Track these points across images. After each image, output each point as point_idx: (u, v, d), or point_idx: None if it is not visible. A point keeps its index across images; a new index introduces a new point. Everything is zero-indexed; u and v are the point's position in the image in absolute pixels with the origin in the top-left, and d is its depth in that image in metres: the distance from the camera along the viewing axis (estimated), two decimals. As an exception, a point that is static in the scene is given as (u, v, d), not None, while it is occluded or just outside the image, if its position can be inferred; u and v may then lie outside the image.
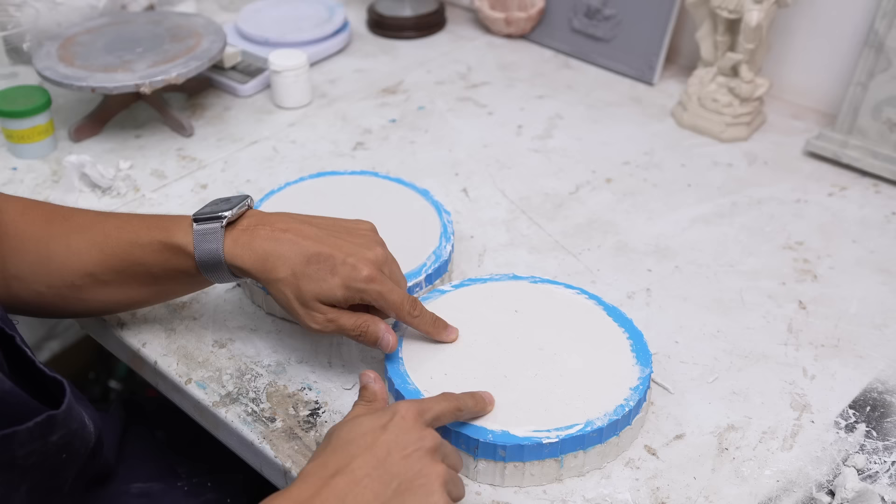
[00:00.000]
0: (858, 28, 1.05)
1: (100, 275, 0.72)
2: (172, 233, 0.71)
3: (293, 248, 0.69)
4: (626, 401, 0.68)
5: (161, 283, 0.74)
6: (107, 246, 0.72)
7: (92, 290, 0.73)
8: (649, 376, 0.71)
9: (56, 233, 0.73)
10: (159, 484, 0.82)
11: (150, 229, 0.72)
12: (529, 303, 0.78)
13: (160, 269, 0.72)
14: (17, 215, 0.73)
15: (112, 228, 0.73)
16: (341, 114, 1.15)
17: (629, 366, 0.71)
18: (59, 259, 0.72)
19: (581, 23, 1.24)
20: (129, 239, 0.72)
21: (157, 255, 0.71)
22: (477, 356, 0.72)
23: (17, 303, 0.74)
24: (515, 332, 0.75)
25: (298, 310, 0.69)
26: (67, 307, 0.75)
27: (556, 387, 0.70)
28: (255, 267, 0.69)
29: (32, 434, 0.57)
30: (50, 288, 0.72)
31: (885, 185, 1.01)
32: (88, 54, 1.06)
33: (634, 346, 0.73)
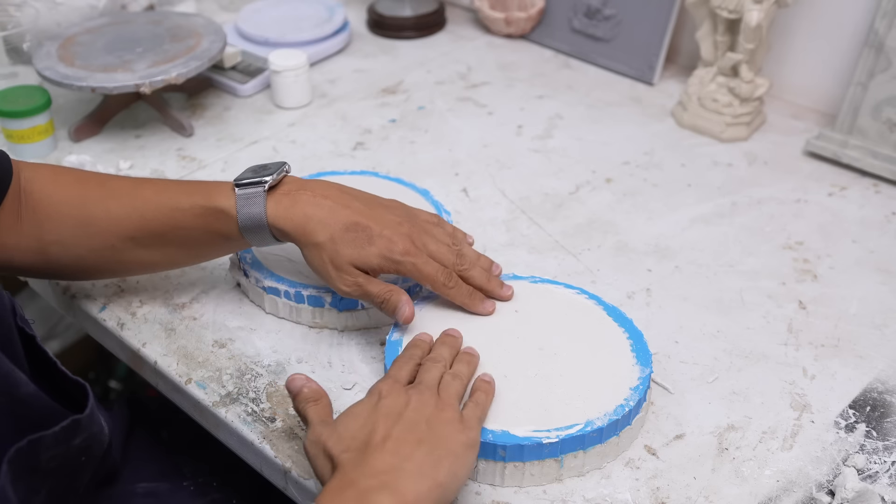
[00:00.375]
0: (858, 28, 1.05)
1: (140, 238, 0.74)
2: (214, 197, 0.73)
3: (333, 215, 0.72)
4: (626, 401, 0.68)
5: (201, 246, 0.76)
6: (147, 211, 0.74)
7: (132, 253, 0.75)
8: (649, 376, 0.71)
9: (93, 197, 0.75)
10: (165, 483, 0.83)
11: (191, 194, 0.74)
12: (529, 303, 0.78)
13: (201, 232, 0.74)
14: (48, 182, 0.75)
15: (151, 193, 0.75)
16: (341, 114, 1.15)
17: (629, 366, 0.71)
18: (100, 224, 0.74)
19: (581, 23, 1.24)
20: (169, 204, 0.74)
21: (199, 219, 0.73)
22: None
23: (57, 267, 0.76)
24: (515, 332, 0.75)
25: (332, 272, 0.72)
26: (108, 268, 0.78)
27: (556, 387, 0.70)
28: (296, 230, 0.72)
29: (57, 438, 0.58)
30: (91, 251, 0.74)
31: (885, 184, 1.01)
32: (88, 54, 1.06)
33: (634, 346, 0.73)
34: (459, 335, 0.73)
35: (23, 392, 0.57)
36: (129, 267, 0.78)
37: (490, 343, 0.73)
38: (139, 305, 0.84)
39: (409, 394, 0.63)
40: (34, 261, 0.75)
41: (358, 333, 0.81)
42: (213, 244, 0.76)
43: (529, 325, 0.75)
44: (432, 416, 0.61)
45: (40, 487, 0.59)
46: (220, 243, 0.76)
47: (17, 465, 0.55)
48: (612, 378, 0.70)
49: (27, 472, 0.56)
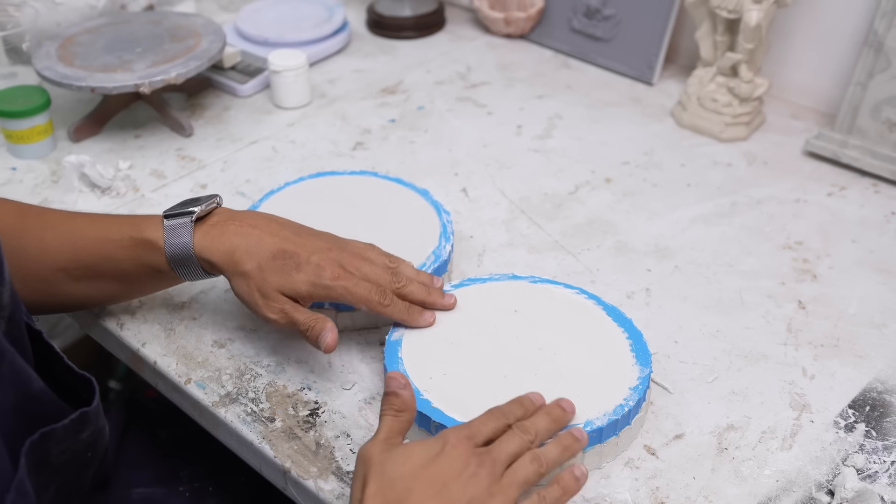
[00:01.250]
0: (858, 28, 1.05)
1: (71, 270, 0.73)
2: (143, 228, 0.72)
3: (260, 244, 0.71)
4: (625, 401, 0.68)
5: (132, 280, 0.75)
6: (79, 241, 0.73)
7: (65, 286, 0.74)
8: (649, 376, 0.71)
9: (30, 227, 0.74)
10: (161, 489, 0.83)
11: (121, 226, 0.73)
12: (529, 303, 0.78)
13: (131, 264, 0.73)
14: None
15: (83, 225, 0.74)
16: (341, 114, 1.15)
17: (629, 366, 0.71)
18: (33, 254, 0.73)
19: (580, 23, 1.24)
20: (99, 235, 0.73)
21: (128, 251, 0.72)
22: (476, 356, 0.72)
23: None
24: (515, 331, 0.75)
25: (258, 300, 0.70)
26: (41, 301, 0.75)
27: (556, 387, 0.70)
28: (222, 260, 0.71)
29: (67, 431, 0.58)
30: (24, 284, 0.72)
31: (885, 184, 1.01)
32: (88, 54, 1.06)
33: (634, 345, 0.73)
34: (572, 409, 0.66)
35: (35, 388, 0.57)
36: (64, 301, 0.76)
37: (490, 343, 0.73)
38: (139, 305, 0.84)
39: (471, 460, 0.58)
40: None
41: (357, 333, 0.81)
42: (145, 278, 0.74)
43: (529, 325, 0.75)
44: (477, 499, 0.57)
45: (49, 483, 0.59)
46: (151, 277, 0.74)
47: (31, 459, 0.55)
48: (611, 378, 0.70)
49: (39, 467, 0.56)
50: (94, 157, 1.04)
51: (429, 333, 0.74)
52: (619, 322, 0.76)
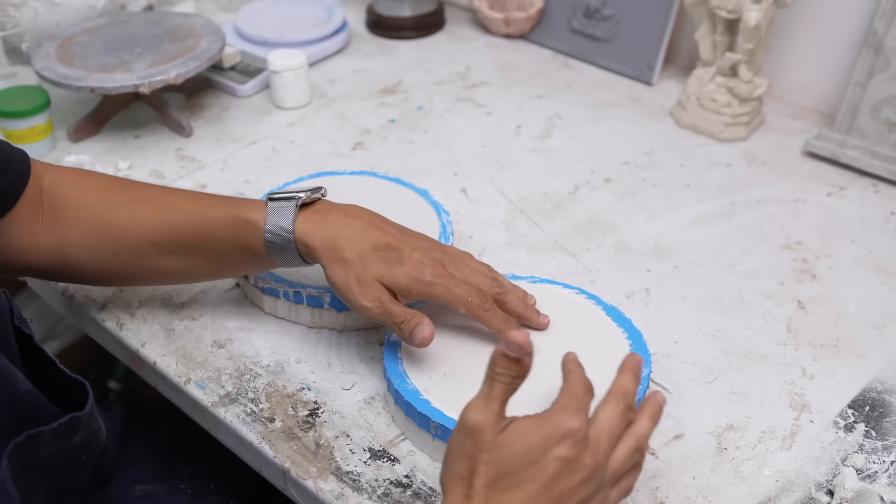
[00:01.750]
0: (857, 28, 1.05)
1: (164, 245, 0.73)
2: (244, 208, 0.72)
3: (363, 234, 0.70)
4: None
5: (223, 259, 0.74)
6: (174, 216, 0.73)
7: (154, 259, 0.74)
8: (648, 376, 0.71)
9: (120, 200, 0.74)
10: (162, 486, 0.83)
11: (222, 204, 0.74)
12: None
13: (227, 243, 0.73)
14: (75, 184, 0.75)
15: (180, 200, 0.75)
16: (340, 114, 1.15)
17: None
18: (123, 226, 0.73)
19: (580, 23, 1.24)
20: (198, 211, 0.73)
21: (226, 229, 0.72)
22: (476, 356, 0.72)
23: (76, 270, 0.75)
24: None
25: (355, 287, 0.69)
26: (128, 273, 0.76)
27: (555, 387, 0.69)
28: (322, 245, 0.70)
29: (56, 435, 0.58)
30: (113, 254, 0.74)
31: (884, 184, 1.01)
32: (87, 54, 1.06)
33: (633, 346, 0.73)
34: (663, 398, 0.63)
35: (21, 390, 0.57)
36: (149, 274, 0.76)
37: (489, 343, 0.73)
38: (138, 306, 0.84)
39: (589, 473, 0.56)
40: (52, 262, 0.74)
41: (357, 333, 0.81)
42: (238, 258, 0.74)
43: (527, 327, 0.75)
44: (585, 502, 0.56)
45: (39, 485, 0.59)
46: (244, 258, 0.74)
47: (17, 461, 0.55)
48: (611, 379, 0.70)
49: (26, 469, 0.56)
50: (94, 158, 1.04)
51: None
52: (619, 322, 0.76)
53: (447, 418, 0.67)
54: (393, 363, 0.72)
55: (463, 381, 0.70)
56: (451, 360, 0.72)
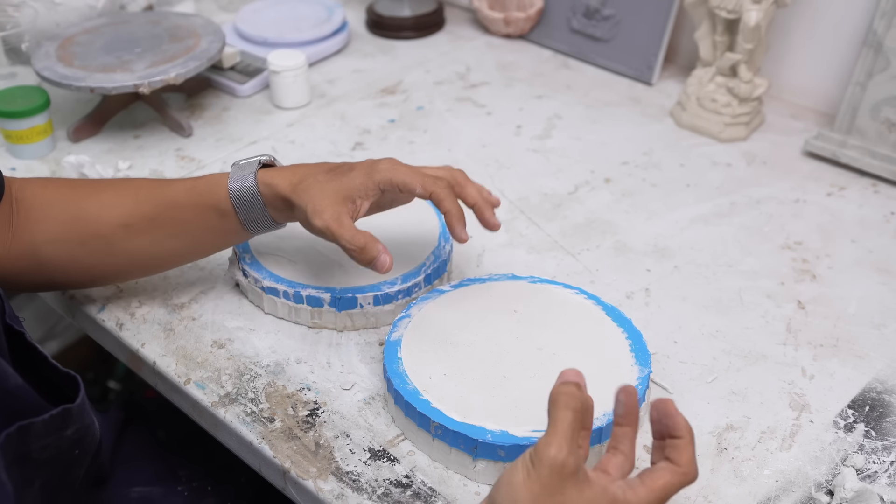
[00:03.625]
0: (857, 28, 1.05)
1: (133, 224, 0.74)
2: (208, 176, 0.76)
3: (318, 166, 0.74)
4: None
5: (192, 229, 0.76)
6: (140, 194, 0.75)
7: (124, 242, 0.75)
8: (648, 376, 0.71)
9: (85, 192, 0.76)
10: (159, 488, 0.83)
11: (185, 178, 0.77)
12: (528, 303, 0.78)
13: (193, 209, 0.74)
14: (38, 188, 0.76)
15: (144, 182, 0.78)
16: (340, 114, 1.15)
17: (628, 366, 0.71)
18: (92, 213, 0.75)
19: (580, 23, 1.24)
20: (162, 185, 0.76)
21: (191, 193, 0.75)
22: (476, 356, 0.72)
23: (49, 270, 0.76)
24: (514, 332, 0.75)
25: (310, 209, 0.70)
26: (100, 266, 0.77)
27: None
28: (285, 183, 0.72)
29: (48, 427, 0.58)
30: (82, 245, 0.75)
31: (884, 184, 1.01)
32: (87, 54, 1.06)
33: (633, 346, 0.73)
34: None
35: (11, 384, 0.57)
36: (121, 263, 0.77)
37: (489, 343, 0.74)
38: (138, 306, 0.84)
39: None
40: (25, 267, 0.74)
41: (357, 333, 0.81)
42: (205, 226, 0.75)
43: (529, 325, 0.75)
44: None
45: (34, 478, 0.59)
46: (211, 225, 0.75)
47: (9, 453, 0.55)
48: (611, 378, 0.70)
49: (19, 461, 0.56)
50: (94, 158, 1.04)
51: (429, 333, 0.74)
52: (619, 322, 0.76)
53: (447, 418, 0.67)
54: (393, 363, 0.72)
55: (463, 381, 0.70)
56: (451, 360, 0.72)
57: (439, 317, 0.76)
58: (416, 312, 0.76)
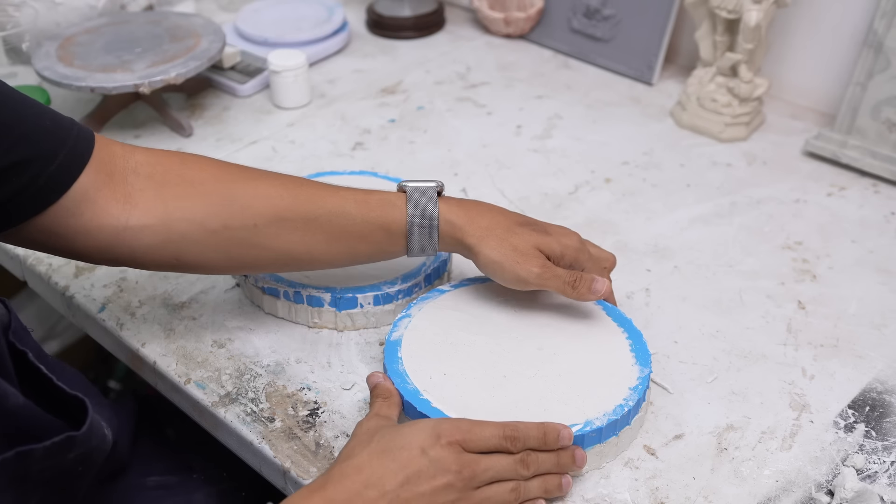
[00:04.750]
0: (857, 28, 1.05)
1: (288, 220, 0.70)
2: (380, 192, 0.73)
3: (503, 213, 0.74)
4: (625, 401, 0.68)
5: (349, 238, 0.72)
6: (301, 192, 0.71)
7: (272, 236, 0.71)
8: (648, 376, 0.71)
9: (237, 176, 0.72)
10: (175, 477, 0.82)
11: (353, 188, 0.74)
12: (528, 302, 0.78)
13: (360, 219, 0.72)
14: (177, 165, 0.72)
15: (304, 180, 0.74)
16: (340, 114, 1.15)
17: (628, 365, 0.71)
18: (245, 199, 0.70)
19: (580, 23, 1.24)
20: (326, 189, 0.72)
21: (362, 206, 0.72)
22: (476, 356, 0.72)
23: (181, 247, 0.70)
24: (514, 331, 0.75)
25: (517, 257, 0.71)
26: (240, 253, 0.71)
27: (556, 387, 0.70)
28: (469, 223, 0.72)
29: (49, 451, 0.57)
30: (227, 228, 0.70)
31: (884, 184, 1.01)
32: (87, 54, 1.06)
33: (633, 345, 0.73)
34: (583, 464, 0.66)
35: (11, 404, 0.56)
36: (263, 255, 0.72)
37: (489, 343, 0.74)
38: (138, 305, 0.84)
39: (450, 472, 0.60)
40: (152, 242, 0.69)
41: (357, 333, 0.81)
42: (364, 238, 0.72)
43: (528, 324, 0.75)
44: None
45: (30, 496, 0.58)
46: (371, 238, 0.72)
47: (4, 475, 0.54)
48: (611, 378, 0.70)
49: (16, 482, 0.55)
50: (94, 157, 1.04)
51: (429, 333, 0.74)
52: (619, 322, 0.76)
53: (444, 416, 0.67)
54: (393, 363, 0.72)
55: (463, 380, 0.70)
56: (451, 360, 0.72)
57: (439, 317, 0.76)
58: (417, 312, 0.76)
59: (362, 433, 0.63)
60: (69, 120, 0.68)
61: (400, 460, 0.59)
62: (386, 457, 0.60)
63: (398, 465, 0.59)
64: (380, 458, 0.60)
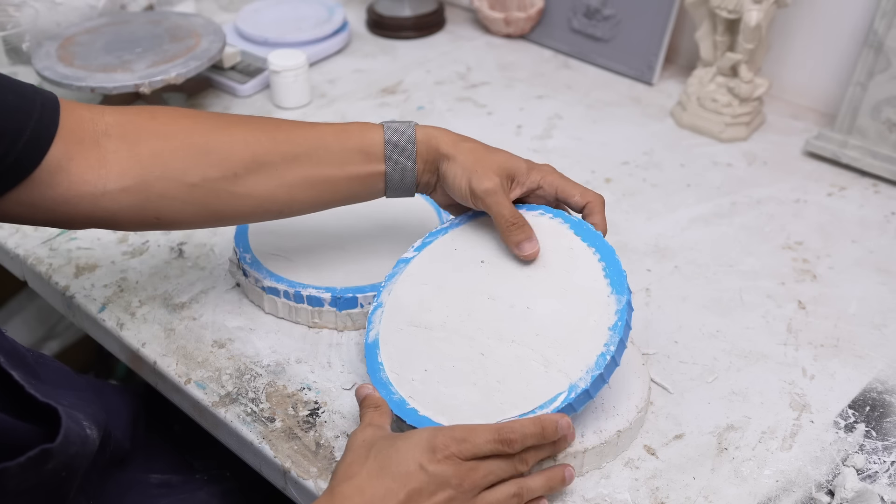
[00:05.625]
0: (858, 28, 1.05)
1: (268, 163, 0.69)
2: (357, 122, 0.74)
3: (477, 139, 0.75)
4: (606, 347, 0.65)
5: (329, 173, 0.71)
6: (278, 133, 0.71)
7: (252, 184, 0.70)
8: (627, 305, 0.67)
9: (211, 125, 0.70)
10: (178, 476, 0.82)
11: (330, 123, 0.74)
12: (493, 247, 0.74)
13: (337, 149, 0.71)
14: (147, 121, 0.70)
15: (280, 121, 0.73)
16: (340, 114, 1.15)
17: (604, 297, 0.68)
18: (223, 148, 0.69)
19: (580, 23, 1.24)
20: (303, 125, 0.72)
21: (339, 135, 0.72)
22: (451, 338, 0.70)
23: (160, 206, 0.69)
24: (485, 290, 0.71)
25: (477, 167, 0.71)
26: (220, 206, 0.70)
27: (534, 351, 0.67)
28: (446, 139, 0.72)
29: (25, 468, 0.55)
30: (206, 181, 0.69)
31: (885, 184, 1.01)
32: (88, 54, 1.06)
33: (607, 268, 0.70)
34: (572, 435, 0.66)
35: None
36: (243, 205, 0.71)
37: (461, 316, 0.71)
38: (138, 305, 0.84)
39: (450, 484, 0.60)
40: (131, 203, 0.68)
41: (357, 333, 0.81)
42: (345, 164, 0.71)
43: (498, 277, 0.72)
44: None
45: None
46: (352, 164, 0.71)
47: None
48: (588, 319, 0.67)
49: None
50: (94, 157, 1.04)
51: (402, 321, 0.72)
52: (589, 240, 0.72)
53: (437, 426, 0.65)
54: (376, 371, 0.70)
55: (444, 375, 0.68)
56: (428, 350, 0.69)
57: (409, 296, 0.73)
58: (387, 298, 0.74)
59: (358, 446, 0.62)
60: (31, 88, 0.67)
61: (400, 479, 0.59)
62: (386, 476, 0.59)
63: (398, 484, 0.59)
64: (380, 477, 0.59)
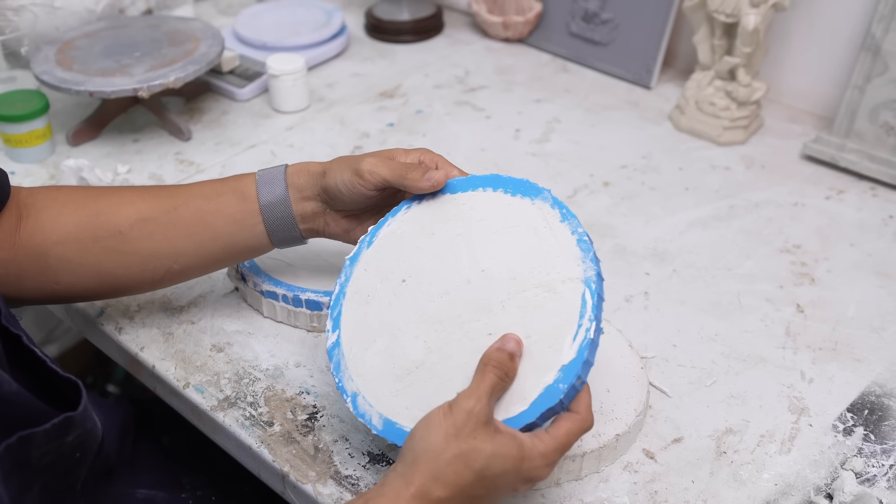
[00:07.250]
0: (855, 32, 1.06)
1: (150, 217, 0.73)
2: (235, 176, 0.76)
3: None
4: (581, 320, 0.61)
5: (208, 222, 0.74)
6: (162, 193, 0.75)
7: (136, 238, 0.73)
8: (595, 275, 0.62)
9: (101, 193, 0.76)
10: (164, 493, 0.82)
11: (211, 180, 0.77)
12: (444, 225, 0.70)
13: (213, 195, 0.74)
14: (52, 192, 0.76)
15: (172, 186, 0.77)
16: (339, 118, 1.15)
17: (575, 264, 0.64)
18: (109, 209, 0.74)
19: (579, 27, 1.24)
20: (190, 185, 0.76)
21: (215, 184, 0.75)
22: (423, 344, 0.65)
23: (59, 270, 0.73)
24: (446, 280, 0.67)
25: (358, 156, 0.73)
26: (113, 265, 0.74)
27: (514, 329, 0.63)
28: (317, 164, 0.74)
29: (49, 435, 0.58)
30: (96, 242, 0.73)
31: (883, 188, 1.01)
32: (86, 58, 1.06)
33: (563, 214, 0.68)
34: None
35: (5, 390, 0.57)
36: (134, 263, 0.74)
37: (429, 313, 0.66)
38: (137, 310, 0.84)
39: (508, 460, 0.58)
40: (33, 268, 0.72)
41: (356, 337, 0.81)
42: (221, 210, 0.73)
43: (458, 260, 0.68)
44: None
45: (32, 483, 0.59)
46: (228, 208, 0.73)
47: (8, 462, 0.55)
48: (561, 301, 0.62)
49: (18, 469, 0.56)
50: (93, 161, 1.04)
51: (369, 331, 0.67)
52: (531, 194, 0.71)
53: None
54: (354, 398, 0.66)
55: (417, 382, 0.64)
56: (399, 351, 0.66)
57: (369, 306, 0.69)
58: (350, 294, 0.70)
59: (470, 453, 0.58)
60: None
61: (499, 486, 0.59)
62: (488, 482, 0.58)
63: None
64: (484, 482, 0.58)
